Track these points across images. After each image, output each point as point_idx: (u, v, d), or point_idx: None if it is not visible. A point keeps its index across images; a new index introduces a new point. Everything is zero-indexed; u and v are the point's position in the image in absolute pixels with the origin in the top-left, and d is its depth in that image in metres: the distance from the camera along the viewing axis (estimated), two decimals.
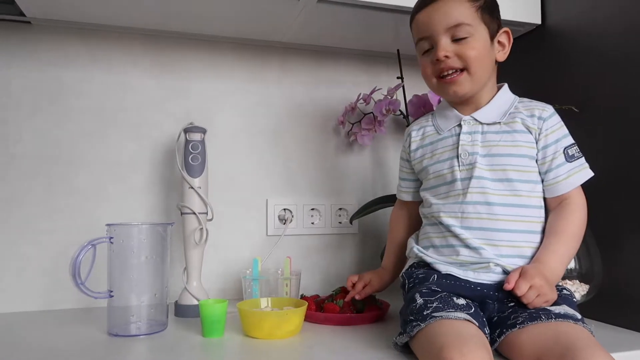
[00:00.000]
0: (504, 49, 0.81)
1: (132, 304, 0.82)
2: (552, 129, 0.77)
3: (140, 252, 0.82)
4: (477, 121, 0.79)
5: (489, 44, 0.78)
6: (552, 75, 1.02)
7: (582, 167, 0.77)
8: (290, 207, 1.18)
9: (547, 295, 0.68)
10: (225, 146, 1.15)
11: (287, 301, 0.89)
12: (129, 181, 1.08)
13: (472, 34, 0.76)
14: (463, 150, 0.78)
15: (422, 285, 0.74)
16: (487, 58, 0.78)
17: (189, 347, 0.75)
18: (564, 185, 0.76)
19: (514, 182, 0.75)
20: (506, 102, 0.80)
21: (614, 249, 0.87)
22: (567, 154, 0.76)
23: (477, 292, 0.72)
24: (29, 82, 1.03)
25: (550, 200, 0.77)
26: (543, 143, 0.76)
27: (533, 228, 0.76)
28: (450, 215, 0.78)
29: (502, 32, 0.80)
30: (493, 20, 0.78)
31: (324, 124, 1.23)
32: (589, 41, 0.94)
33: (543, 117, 0.77)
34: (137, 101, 1.10)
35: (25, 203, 1.02)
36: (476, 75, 0.77)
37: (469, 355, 0.56)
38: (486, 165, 0.76)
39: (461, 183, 0.77)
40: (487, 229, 0.75)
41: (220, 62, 1.16)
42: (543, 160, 0.76)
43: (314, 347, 0.74)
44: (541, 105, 0.79)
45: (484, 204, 0.75)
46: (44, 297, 1.01)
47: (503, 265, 0.73)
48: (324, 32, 1.12)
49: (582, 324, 0.65)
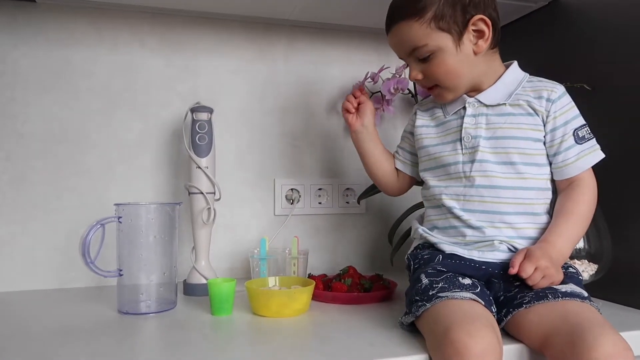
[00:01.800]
0: (483, 36, 0.75)
1: (141, 283, 0.83)
2: (560, 110, 0.75)
3: (149, 232, 0.83)
4: (481, 103, 0.78)
5: (455, 51, 0.74)
6: (564, 52, 1.00)
7: (593, 148, 0.75)
8: (297, 187, 1.18)
9: (553, 276, 0.67)
10: (232, 126, 1.15)
11: (295, 280, 0.90)
12: (136, 161, 1.08)
13: (432, 51, 0.75)
14: (466, 133, 0.77)
15: (427, 265, 0.74)
16: (459, 65, 0.75)
17: (198, 324, 0.76)
18: (573, 168, 0.74)
19: (518, 164, 0.74)
20: (513, 82, 0.78)
21: (624, 229, 0.86)
22: (577, 136, 0.74)
23: (483, 271, 0.72)
24: (36, 61, 1.03)
25: (560, 182, 0.76)
26: (551, 125, 0.75)
27: (537, 210, 0.75)
28: (451, 198, 0.77)
29: (476, 20, 0.74)
30: (454, 22, 0.73)
31: (332, 103, 1.22)
32: (603, 16, 0.92)
33: (551, 98, 0.75)
34: (144, 81, 1.09)
35: (34, 182, 1.02)
36: (452, 85, 0.77)
37: (476, 335, 0.56)
38: (489, 148, 0.75)
39: (463, 166, 0.77)
40: (489, 211, 0.74)
41: (227, 41, 1.15)
42: (551, 143, 0.75)
43: (321, 326, 0.75)
44: (550, 85, 0.77)
45: (488, 187, 0.75)
46: (55, 275, 1.03)
47: (508, 242, 0.73)
48: (331, 9, 1.10)
49: (589, 302, 0.65)
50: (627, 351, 0.56)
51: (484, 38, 0.75)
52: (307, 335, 0.71)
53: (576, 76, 0.94)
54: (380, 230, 1.23)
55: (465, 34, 0.74)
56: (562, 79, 0.95)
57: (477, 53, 0.76)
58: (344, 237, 1.22)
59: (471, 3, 0.74)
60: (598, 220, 0.87)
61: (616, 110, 0.88)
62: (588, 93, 0.92)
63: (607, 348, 0.55)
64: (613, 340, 0.56)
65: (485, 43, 0.75)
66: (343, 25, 1.20)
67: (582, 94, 0.92)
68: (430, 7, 0.73)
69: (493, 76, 0.79)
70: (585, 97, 0.93)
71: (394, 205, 1.23)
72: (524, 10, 1.08)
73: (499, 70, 0.80)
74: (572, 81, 0.93)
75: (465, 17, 0.74)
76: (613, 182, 0.88)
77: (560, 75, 0.96)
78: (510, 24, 1.14)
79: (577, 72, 0.95)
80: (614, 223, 0.86)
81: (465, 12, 0.73)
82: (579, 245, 0.86)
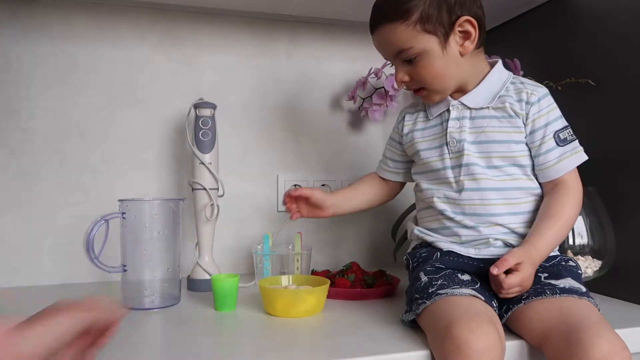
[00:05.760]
0: (469, 37, 0.73)
1: (145, 278, 0.83)
2: (539, 113, 0.74)
3: (153, 228, 0.83)
4: (465, 106, 0.77)
5: (442, 53, 0.73)
6: (569, 48, 0.99)
7: (575, 150, 0.74)
8: (300, 182, 1.18)
9: (527, 288, 0.67)
10: (235, 121, 1.14)
11: (309, 279, 0.87)
12: (140, 157, 1.09)
13: (417, 53, 0.73)
14: (451, 137, 0.77)
15: (425, 263, 0.75)
16: (445, 67, 0.74)
17: (201, 320, 0.76)
18: (555, 170, 0.74)
19: (504, 167, 0.74)
20: (497, 83, 0.77)
21: (628, 225, 0.86)
22: (559, 138, 0.73)
23: (480, 267, 0.72)
24: (38, 57, 1.03)
25: (545, 184, 0.76)
26: (530, 128, 0.74)
27: (528, 208, 0.75)
28: (443, 201, 0.77)
29: (462, 22, 0.72)
30: (440, 23, 0.72)
31: (335, 98, 1.22)
32: (608, 11, 0.91)
33: (531, 101, 0.74)
34: (146, 76, 1.09)
35: (38, 178, 1.03)
36: (438, 87, 0.76)
37: (476, 331, 0.56)
38: (475, 152, 0.75)
39: (452, 171, 0.77)
40: (481, 214, 0.74)
41: (228, 37, 1.15)
42: (532, 145, 0.74)
43: (324, 321, 0.75)
44: (531, 87, 0.76)
45: (476, 190, 0.75)
46: (59, 271, 1.03)
47: (503, 240, 0.73)
48: (333, 5, 1.09)
49: (587, 298, 0.65)
50: (623, 350, 0.56)
51: (471, 39, 0.74)
52: (310, 331, 0.71)
53: (581, 72, 0.93)
54: (383, 226, 1.23)
55: (452, 36, 0.73)
56: (566, 74, 0.95)
57: (463, 54, 0.74)
58: (347, 233, 1.22)
59: (457, 3, 0.72)
60: (602, 217, 0.86)
61: (621, 106, 0.88)
62: (593, 88, 0.92)
63: (603, 348, 0.55)
64: (609, 340, 0.56)
65: (472, 44, 0.74)
66: (345, 21, 1.20)
67: (587, 89, 0.92)
68: (416, 9, 0.71)
69: (478, 76, 0.78)
70: (590, 92, 0.92)
71: (397, 201, 1.22)
72: (529, 5, 1.08)
73: (484, 69, 0.78)
74: (577, 77, 0.93)
75: (451, 18, 0.72)
76: (616, 177, 0.88)
77: (565, 71, 0.96)
78: (515, 19, 1.14)
79: (581, 68, 0.94)
80: (617, 219, 0.86)
81: (451, 13, 0.72)
82: (583, 241, 0.86)
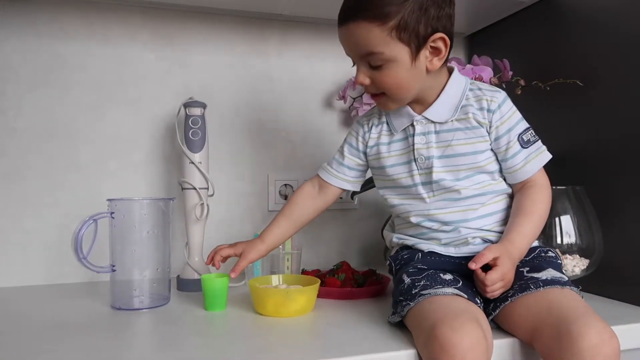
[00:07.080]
0: (439, 54, 0.72)
1: (134, 278, 0.83)
2: (501, 119, 0.74)
3: (142, 227, 0.83)
4: (429, 120, 0.77)
5: (410, 65, 0.71)
6: (557, 48, 1.00)
7: (539, 151, 0.75)
8: (291, 182, 1.18)
9: (510, 283, 0.68)
10: (225, 121, 1.14)
11: (299, 279, 0.87)
12: (129, 156, 1.08)
13: (386, 60, 0.70)
14: (419, 154, 0.77)
15: (408, 265, 0.75)
16: (409, 79, 0.72)
17: (191, 320, 0.76)
18: (523, 172, 0.75)
19: (473, 176, 0.75)
20: (456, 93, 0.76)
21: (615, 224, 0.87)
22: (523, 140, 0.75)
23: (461, 265, 0.73)
24: (27, 55, 1.02)
25: (514, 185, 0.77)
26: (495, 135, 0.75)
27: (501, 207, 0.77)
28: (417, 214, 0.78)
29: (436, 38, 0.70)
30: (416, 35, 0.69)
31: (326, 98, 1.22)
32: (595, 12, 0.92)
33: (492, 109, 0.74)
34: (136, 75, 1.09)
35: (26, 177, 1.02)
36: (399, 97, 0.75)
37: (460, 330, 0.56)
38: (443, 167, 0.75)
39: (423, 187, 0.77)
40: (457, 220, 0.75)
41: (220, 36, 1.14)
42: (498, 151, 0.75)
43: (314, 320, 0.75)
44: (489, 93, 0.75)
45: (449, 201, 0.76)
46: (48, 271, 1.02)
47: (481, 237, 0.75)
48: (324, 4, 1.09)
49: (570, 287, 0.66)
50: (611, 339, 0.57)
51: (440, 56, 0.72)
52: (301, 330, 0.71)
53: (569, 72, 0.94)
54: (373, 225, 1.23)
55: (423, 50, 0.71)
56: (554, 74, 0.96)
57: (430, 70, 0.73)
58: (337, 233, 1.22)
59: (435, 17, 0.70)
60: (589, 216, 0.87)
61: (608, 106, 0.89)
62: (581, 89, 0.92)
63: (592, 338, 0.56)
64: (597, 329, 0.57)
65: (440, 62, 0.73)
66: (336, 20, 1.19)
67: (574, 89, 0.93)
68: (395, 15, 0.68)
69: (436, 88, 0.77)
70: (578, 92, 0.93)
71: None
72: (518, 7, 1.08)
73: (443, 80, 0.77)
74: (565, 77, 0.94)
75: (427, 31, 0.70)
76: (604, 177, 0.88)
77: (553, 71, 0.97)
78: (504, 20, 1.14)
79: (569, 68, 0.95)
80: (605, 218, 0.87)
81: (427, 26, 0.70)
82: (571, 240, 0.87)
